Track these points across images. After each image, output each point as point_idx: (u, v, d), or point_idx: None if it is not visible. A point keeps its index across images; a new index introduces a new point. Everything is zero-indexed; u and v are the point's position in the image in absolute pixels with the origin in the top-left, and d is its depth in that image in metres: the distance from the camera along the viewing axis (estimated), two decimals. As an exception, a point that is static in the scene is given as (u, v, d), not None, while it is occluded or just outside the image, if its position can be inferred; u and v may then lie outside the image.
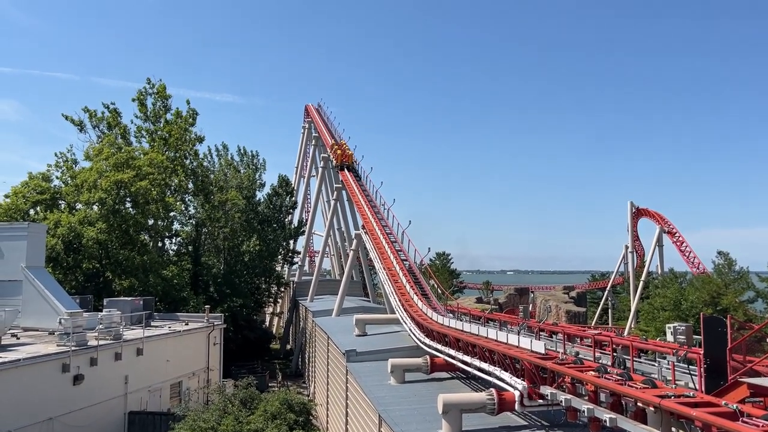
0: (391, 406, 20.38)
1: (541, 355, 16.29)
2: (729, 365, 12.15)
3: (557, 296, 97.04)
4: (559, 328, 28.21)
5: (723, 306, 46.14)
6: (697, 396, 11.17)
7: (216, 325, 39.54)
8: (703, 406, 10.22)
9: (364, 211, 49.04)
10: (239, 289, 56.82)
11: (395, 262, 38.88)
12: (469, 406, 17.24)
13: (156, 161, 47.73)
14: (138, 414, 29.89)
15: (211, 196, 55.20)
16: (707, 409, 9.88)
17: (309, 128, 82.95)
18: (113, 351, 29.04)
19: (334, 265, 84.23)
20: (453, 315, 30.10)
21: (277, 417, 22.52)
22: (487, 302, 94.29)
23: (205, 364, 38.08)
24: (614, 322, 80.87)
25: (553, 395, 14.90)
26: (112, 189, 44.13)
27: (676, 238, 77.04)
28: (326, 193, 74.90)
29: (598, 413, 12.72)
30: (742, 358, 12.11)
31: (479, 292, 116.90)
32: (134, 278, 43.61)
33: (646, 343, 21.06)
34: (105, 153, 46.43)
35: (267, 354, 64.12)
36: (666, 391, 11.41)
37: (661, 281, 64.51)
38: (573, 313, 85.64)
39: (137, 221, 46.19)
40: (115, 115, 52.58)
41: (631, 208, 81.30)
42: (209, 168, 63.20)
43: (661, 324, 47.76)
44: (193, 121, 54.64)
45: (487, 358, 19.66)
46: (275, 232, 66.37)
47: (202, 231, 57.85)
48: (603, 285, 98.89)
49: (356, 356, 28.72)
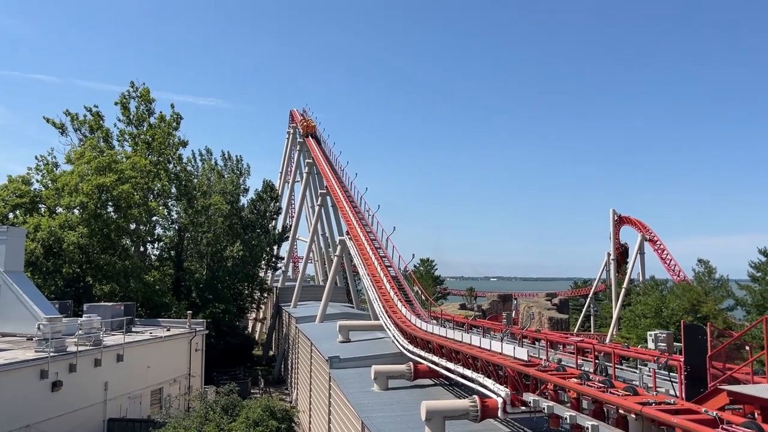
0: (374, 413, 20.31)
1: (524, 362, 16.34)
2: (709, 373, 12.26)
3: (540, 303, 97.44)
4: (542, 335, 28.40)
5: (703, 314, 46.62)
6: (678, 403, 11.26)
7: (198, 331, 39.20)
8: (683, 413, 10.30)
9: (348, 217, 49.02)
10: (222, 294, 56.41)
11: (379, 268, 38.84)
12: (452, 413, 17.22)
13: (139, 165, 47.31)
14: (117, 421, 29.50)
15: (194, 200, 54.80)
16: (688, 417, 9.96)
17: (294, 133, 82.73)
18: (93, 357, 28.65)
19: (318, 271, 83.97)
20: (437, 322, 30.15)
21: (259, 424, 22.34)
22: (470, 309, 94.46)
23: (186, 371, 37.71)
24: (596, 329, 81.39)
25: (535, 402, 14.94)
26: (93, 193, 43.64)
27: (657, 246, 77.81)
28: (311, 199, 74.73)
29: (580, 420, 12.77)
30: (721, 366, 12.23)
31: (463, 298, 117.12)
32: (115, 283, 43.07)
33: (628, 351, 21.24)
34: (87, 156, 45.92)
35: (249, 360, 63.68)
36: (647, 398, 11.49)
37: (643, 289, 65.08)
38: (556, 320, 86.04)
39: (119, 226, 45.70)
40: (97, 118, 52.09)
41: (613, 216, 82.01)
42: (192, 172, 62.82)
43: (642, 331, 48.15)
44: (177, 125, 54.33)
45: (470, 365, 19.67)
46: (259, 238, 66.07)
47: (184, 236, 57.39)
48: (585, 292, 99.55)
49: (339, 363, 28.61)
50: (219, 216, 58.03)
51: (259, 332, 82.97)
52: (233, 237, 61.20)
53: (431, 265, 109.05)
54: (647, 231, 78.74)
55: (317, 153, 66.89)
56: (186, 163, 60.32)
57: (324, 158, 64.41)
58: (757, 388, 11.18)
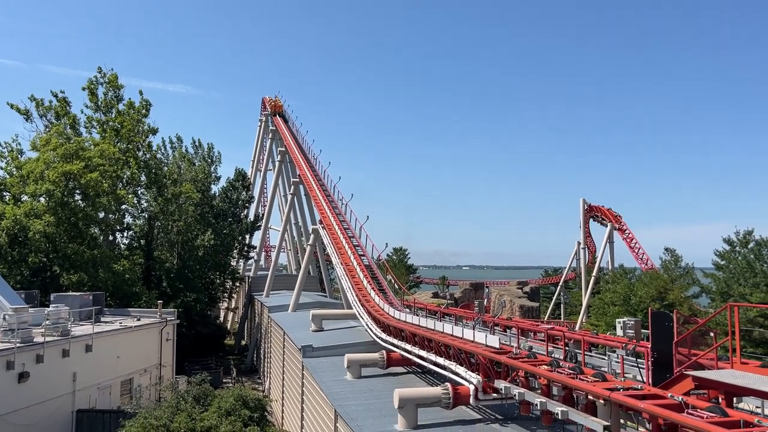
0: (348, 401, 20.38)
1: (495, 349, 16.53)
2: (675, 358, 12.52)
3: (511, 291, 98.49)
4: (513, 322, 28.74)
5: (669, 301, 47.63)
6: (645, 389, 11.49)
7: (169, 320, 38.78)
8: (650, 398, 10.51)
9: (321, 206, 48.85)
10: (193, 284, 55.85)
11: (353, 258, 38.84)
12: (425, 400, 17.37)
13: (107, 153, 46.37)
14: (86, 412, 29.08)
15: (164, 189, 53.96)
16: (654, 401, 10.17)
17: (266, 121, 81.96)
18: (60, 348, 28.16)
19: (291, 261, 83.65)
20: (410, 310, 30.27)
21: (232, 413, 22.20)
22: (443, 297, 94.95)
23: (157, 361, 37.31)
24: (566, 317, 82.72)
25: (507, 389, 15.13)
26: (60, 180, 42.67)
27: (626, 235, 79.18)
28: (283, 187, 74.24)
29: (550, 406, 12.97)
30: (687, 352, 12.49)
31: (436, 287, 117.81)
32: (83, 273, 42.26)
33: (597, 338, 21.61)
34: (53, 143, 44.83)
35: (221, 350, 63.30)
36: (615, 384, 11.71)
37: (612, 277, 66.22)
38: (527, 308, 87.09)
39: (87, 214, 44.80)
40: (63, 104, 50.83)
41: (583, 205, 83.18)
42: (162, 160, 61.85)
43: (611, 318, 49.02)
44: (147, 112, 53.34)
45: (442, 353, 19.84)
46: (231, 227, 65.49)
47: (154, 225, 56.56)
48: (556, 280, 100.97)
49: (312, 352, 28.61)
50: (190, 204, 57.30)
51: (231, 322, 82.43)
52: (204, 226, 60.54)
53: (404, 254, 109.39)
54: (616, 220, 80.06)
55: (287, 136, 67.02)
56: (156, 151, 59.35)
57: (297, 146, 64.10)
58: (721, 373, 11.46)
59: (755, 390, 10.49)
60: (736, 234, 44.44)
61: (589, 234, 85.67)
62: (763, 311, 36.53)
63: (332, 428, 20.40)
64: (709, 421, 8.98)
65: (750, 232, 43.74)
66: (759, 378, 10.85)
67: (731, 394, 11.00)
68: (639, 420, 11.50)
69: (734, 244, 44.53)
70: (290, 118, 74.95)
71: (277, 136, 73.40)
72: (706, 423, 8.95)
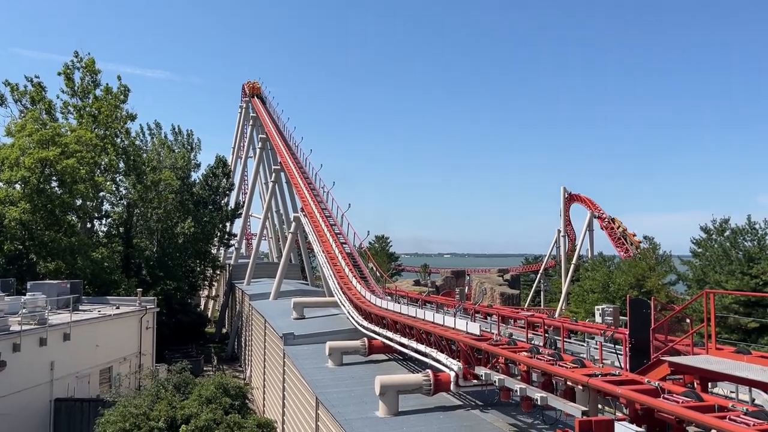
0: (329, 389, 20.42)
1: (476, 336, 16.63)
2: (652, 345, 12.70)
3: (492, 279, 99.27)
4: (494, 310, 28.90)
5: (647, 288, 48.23)
6: (623, 374, 11.65)
7: (148, 308, 38.46)
8: (627, 383, 10.67)
9: (303, 194, 48.64)
10: (173, 271, 55.37)
11: (334, 245, 38.78)
12: (406, 387, 17.45)
13: (84, 139, 45.60)
14: (65, 401, 28.81)
15: (143, 176, 53.28)
16: (631, 387, 10.32)
17: (246, 108, 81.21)
18: (38, 336, 27.82)
19: (272, 248, 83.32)
20: (391, 298, 30.35)
21: (213, 401, 22.10)
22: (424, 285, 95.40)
23: (137, 349, 37.03)
24: (546, 304, 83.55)
25: (487, 375, 15.26)
26: (36, 167, 41.92)
27: (605, 223, 79.95)
28: (264, 175, 73.76)
29: (530, 392, 13.11)
30: (664, 338, 12.68)
31: (417, 274, 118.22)
32: (61, 261, 41.68)
33: (576, 325, 21.82)
34: (28, 129, 43.95)
35: (202, 338, 63.01)
36: (593, 370, 11.85)
37: (591, 264, 66.87)
38: (507, 295, 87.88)
39: (64, 201, 44.10)
40: (39, 89, 49.82)
41: (563, 194, 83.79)
42: (141, 147, 61.01)
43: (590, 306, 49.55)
44: (125, 97, 52.50)
45: (423, 340, 19.93)
46: (211, 214, 65.00)
47: (133, 212, 55.90)
48: (536, 268, 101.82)
49: (294, 339, 28.60)
50: (169, 192, 56.66)
51: (211, 310, 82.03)
52: (184, 213, 59.99)
53: (386, 242, 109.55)
54: (596, 208, 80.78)
55: (268, 123, 66.76)
56: (134, 138, 58.52)
57: (278, 133, 63.71)
58: (697, 359, 11.65)
59: (729, 375, 10.68)
60: (713, 222, 44.99)
61: (570, 222, 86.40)
62: (737, 298, 37.15)
63: (314, 415, 20.44)
64: (685, 406, 9.13)
65: (726, 221, 44.32)
66: (733, 363, 11.05)
67: (706, 379, 11.20)
68: (617, 405, 11.68)
69: (711, 232, 45.10)
70: (268, 100, 75.23)
71: (257, 122, 72.80)
72: (681, 407, 9.10)
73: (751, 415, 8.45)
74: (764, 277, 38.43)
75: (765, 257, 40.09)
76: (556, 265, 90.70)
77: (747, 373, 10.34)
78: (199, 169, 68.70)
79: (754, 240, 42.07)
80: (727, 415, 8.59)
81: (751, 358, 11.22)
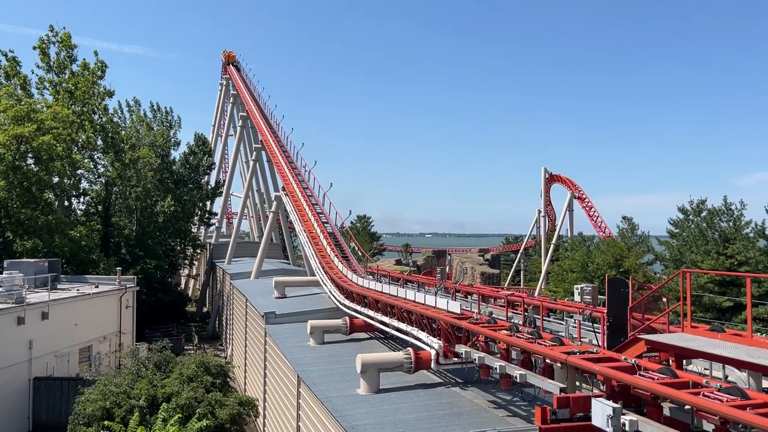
0: (310, 367, 20.51)
1: (456, 315, 16.77)
2: (629, 323, 12.91)
3: (473, 258, 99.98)
4: (474, 289, 29.16)
5: (625, 268, 48.98)
6: (600, 352, 11.84)
7: (128, 287, 38.18)
8: (605, 361, 10.84)
9: (284, 172, 48.36)
10: (153, 250, 54.91)
11: (316, 225, 38.71)
12: (387, 365, 17.59)
13: (60, 115, 44.70)
14: (44, 380, 28.65)
15: (121, 153, 52.47)
16: (608, 364, 10.50)
17: (227, 85, 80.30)
18: (15, 315, 27.53)
19: (253, 227, 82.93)
20: (373, 277, 30.44)
21: (194, 380, 22.09)
22: (406, 264, 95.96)
23: (116, 328, 36.82)
24: (526, 284, 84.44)
25: (467, 353, 15.43)
26: (11, 144, 41.06)
27: (585, 204, 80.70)
28: (245, 153, 73.14)
29: (509, 370, 13.28)
30: (641, 317, 12.90)
31: (399, 254, 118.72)
32: (38, 239, 41.07)
33: (555, 303, 22.13)
34: (3, 104, 42.98)
35: (183, 317, 62.82)
36: (572, 348, 12.03)
37: (571, 244, 67.62)
38: (487, 275, 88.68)
39: (40, 179, 43.31)
40: (13, 63, 48.65)
41: (544, 174, 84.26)
42: (120, 124, 60.05)
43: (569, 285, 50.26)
44: (102, 73, 51.47)
45: (405, 319, 20.05)
46: (191, 193, 64.40)
47: (112, 190, 55.15)
48: (516, 248, 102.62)
49: (275, 318, 28.61)
50: (149, 170, 55.98)
51: (192, 289, 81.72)
52: (164, 192, 59.35)
53: (368, 221, 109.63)
54: (576, 189, 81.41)
55: (249, 100, 66.42)
56: (112, 115, 57.53)
57: (258, 111, 63.09)
58: (672, 336, 11.88)
59: (704, 352, 10.91)
60: (690, 203, 45.66)
61: (550, 203, 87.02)
62: (713, 277, 37.86)
63: (295, 393, 20.55)
64: (660, 382, 9.32)
65: (703, 201, 45.01)
66: (708, 341, 11.28)
67: (681, 356, 11.42)
68: (594, 382, 11.88)
69: (688, 212, 45.78)
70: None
71: (238, 100, 71.99)
72: (656, 384, 9.28)
73: (724, 391, 8.65)
74: (739, 257, 39.19)
75: (740, 238, 40.85)
76: (536, 245, 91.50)
77: (721, 350, 10.56)
78: (179, 147, 67.95)
79: (729, 221, 42.80)
80: (701, 391, 8.78)
81: (725, 336, 11.46)
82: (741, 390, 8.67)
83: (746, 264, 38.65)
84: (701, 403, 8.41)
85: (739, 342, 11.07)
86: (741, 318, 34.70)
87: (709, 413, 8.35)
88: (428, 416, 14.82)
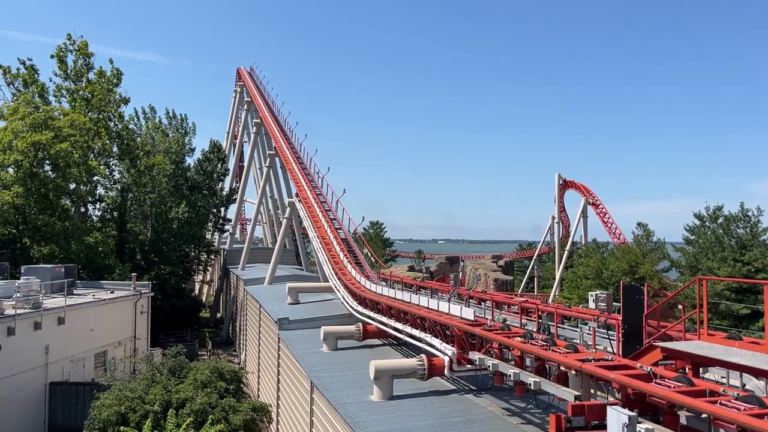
0: (324, 373, 20.51)
1: (470, 321, 16.72)
2: (645, 330, 12.81)
3: (486, 265, 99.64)
4: (488, 295, 29.07)
5: (640, 275, 48.56)
6: (615, 359, 11.75)
7: (143, 293, 38.46)
8: (620, 368, 10.76)
9: (297, 179, 48.53)
10: (167, 256, 55.32)
11: (329, 231, 38.77)
12: (400, 371, 17.56)
13: (77, 122, 45.25)
14: (60, 384, 28.88)
15: (137, 160, 52.98)
16: (624, 372, 10.42)
17: (241, 92, 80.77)
18: (32, 320, 27.80)
19: (267, 234, 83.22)
20: (386, 283, 30.43)
21: (207, 385, 22.22)
22: (418, 270, 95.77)
23: (131, 333, 37.07)
24: (540, 290, 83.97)
25: (481, 360, 15.36)
26: (29, 151, 41.63)
27: (599, 210, 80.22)
28: (259, 160, 73.50)
29: (523, 377, 13.21)
30: (656, 324, 12.79)
31: (411, 260, 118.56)
32: (55, 245, 41.53)
33: (570, 310, 21.99)
34: (21, 112, 43.59)
35: (196, 322, 63.08)
36: (587, 356, 11.94)
37: (585, 251, 67.20)
38: (501, 281, 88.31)
39: (57, 185, 43.85)
40: (31, 72, 49.32)
41: (558, 180, 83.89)
42: (135, 131, 60.62)
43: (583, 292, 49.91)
44: (118, 81, 52.05)
45: (418, 325, 20.02)
46: (205, 199, 64.81)
47: (127, 196, 55.69)
48: (530, 254, 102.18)
49: (289, 324, 28.67)
50: (163, 176, 56.45)
51: (206, 294, 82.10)
52: (179, 198, 59.79)
53: (381, 228, 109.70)
54: (590, 195, 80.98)
55: (263, 107, 66.47)
56: (128, 122, 58.06)
57: (272, 118, 63.40)
58: (688, 344, 11.77)
59: (720, 360, 10.80)
60: (707, 209, 45.27)
61: (564, 209, 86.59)
62: (729, 285, 37.46)
63: (308, 399, 20.56)
64: (676, 390, 9.23)
65: (720, 208, 44.61)
66: (724, 349, 11.16)
67: (698, 364, 11.32)
68: (609, 390, 11.79)
69: (704, 219, 45.39)
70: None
71: (252, 107, 72.41)
72: (672, 392, 9.20)
73: (741, 400, 8.55)
74: (756, 264, 38.75)
75: (757, 244, 40.41)
76: (549, 252, 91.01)
77: (738, 358, 10.45)
78: (193, 154, 68.42)
79: (746, 227, 42.36)
80: (718, 400, 8.69)
81: (742, 343, 11.35)
82: (759, 399, 8.57)
83: (763, 271, 38.22)
84: (718, 412, 8.32)
85: (757, 350, 10.95)
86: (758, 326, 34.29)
87: (727, 422, 8.26)
88: (441, 423, 14.76)
